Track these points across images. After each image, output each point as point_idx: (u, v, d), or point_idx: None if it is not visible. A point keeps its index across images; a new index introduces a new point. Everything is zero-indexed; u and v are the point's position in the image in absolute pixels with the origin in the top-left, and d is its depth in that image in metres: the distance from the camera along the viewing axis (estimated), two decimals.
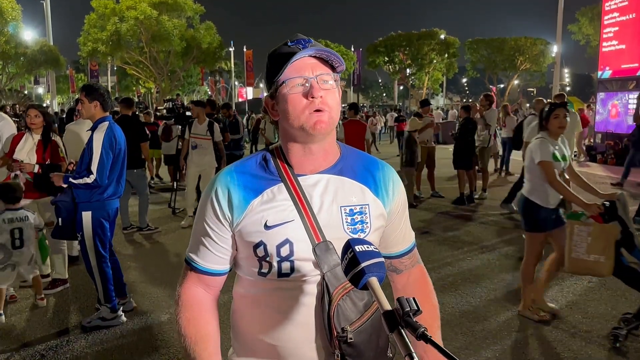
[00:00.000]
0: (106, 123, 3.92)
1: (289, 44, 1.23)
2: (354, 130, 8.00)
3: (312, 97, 1.19)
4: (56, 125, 5.80)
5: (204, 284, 1.34)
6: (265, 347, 1.30)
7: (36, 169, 4.59)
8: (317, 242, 1.23)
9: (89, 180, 3.78)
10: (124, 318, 4.12)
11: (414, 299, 0.90)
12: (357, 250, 1.00)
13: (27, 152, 4.71)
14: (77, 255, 5.72)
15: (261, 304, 1.29)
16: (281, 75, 1.21)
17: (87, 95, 3.92)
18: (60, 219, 4.04)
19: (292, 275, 1.25)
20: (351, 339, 1.19)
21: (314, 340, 1.26)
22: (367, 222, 1.29)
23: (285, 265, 1.24)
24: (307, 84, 1.20)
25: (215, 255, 1.31)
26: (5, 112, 10.99)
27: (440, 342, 1.42)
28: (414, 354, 0.83)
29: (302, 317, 1.26)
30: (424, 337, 0.86)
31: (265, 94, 1.33)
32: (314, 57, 1.22)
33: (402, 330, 0.87)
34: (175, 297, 1.35)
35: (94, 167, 3.78)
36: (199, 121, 7.39)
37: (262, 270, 1.26)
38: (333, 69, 1.25)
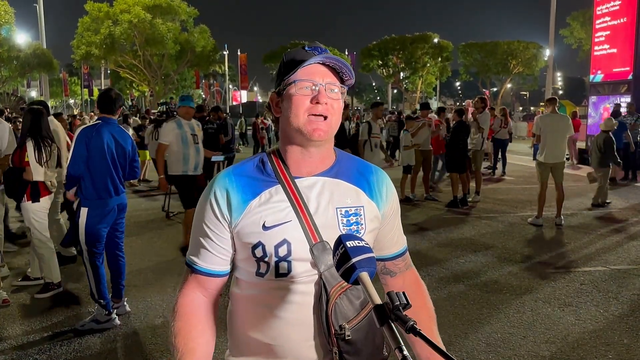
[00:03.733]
0: (97, 122, 4.13)
1: (307, 48, 1.28)
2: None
3: (317, 102, 1.23)
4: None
5: (203, 287, 1.35)
6: (263, 347, 1.31)
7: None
8: (315, 242, 1.25)
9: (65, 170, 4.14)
10: (117, 321, 4.11)
11: (403, 293, 0.92)
12: (349, 245, 1.02)
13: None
14: (70, 255, 5.71)
15: (259, 304, 1.31)
16: (292, 76, 1.25)
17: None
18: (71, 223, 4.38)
19: (289, 275, 1.26)
20: (349, 336, 1.21)
21: (312, 339, 1.28)
22: (362, 224, 1.32)
23: (283, 265, 1.26)
24: (315, 89, 1.24)
25: (215, 255, 1.32)
26: None
27: (441, 346, 1.43)
28: (403, 347, 0.84)
29: (299, 316, 1.27)
30: (413, 330, 0.87)
31: (258, 97, 1.35)
32: (327, 65, 1.26)
33: (392, 324, 0.89)
34: (173, 302, 1.36)
35: (69, 160, 4.06)
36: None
37: (260, 271, 1.28)
38: (342, 81, 1.29)
